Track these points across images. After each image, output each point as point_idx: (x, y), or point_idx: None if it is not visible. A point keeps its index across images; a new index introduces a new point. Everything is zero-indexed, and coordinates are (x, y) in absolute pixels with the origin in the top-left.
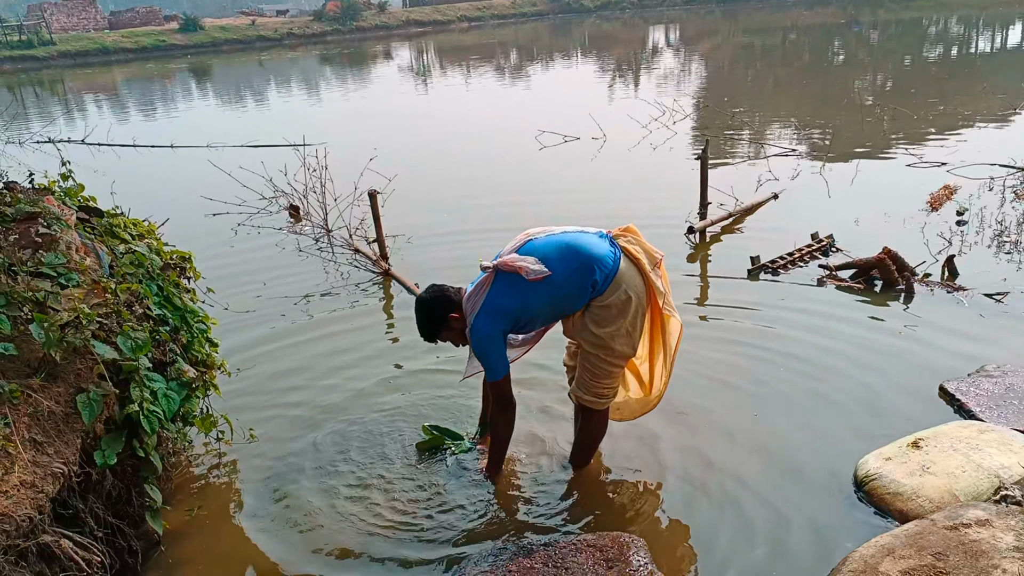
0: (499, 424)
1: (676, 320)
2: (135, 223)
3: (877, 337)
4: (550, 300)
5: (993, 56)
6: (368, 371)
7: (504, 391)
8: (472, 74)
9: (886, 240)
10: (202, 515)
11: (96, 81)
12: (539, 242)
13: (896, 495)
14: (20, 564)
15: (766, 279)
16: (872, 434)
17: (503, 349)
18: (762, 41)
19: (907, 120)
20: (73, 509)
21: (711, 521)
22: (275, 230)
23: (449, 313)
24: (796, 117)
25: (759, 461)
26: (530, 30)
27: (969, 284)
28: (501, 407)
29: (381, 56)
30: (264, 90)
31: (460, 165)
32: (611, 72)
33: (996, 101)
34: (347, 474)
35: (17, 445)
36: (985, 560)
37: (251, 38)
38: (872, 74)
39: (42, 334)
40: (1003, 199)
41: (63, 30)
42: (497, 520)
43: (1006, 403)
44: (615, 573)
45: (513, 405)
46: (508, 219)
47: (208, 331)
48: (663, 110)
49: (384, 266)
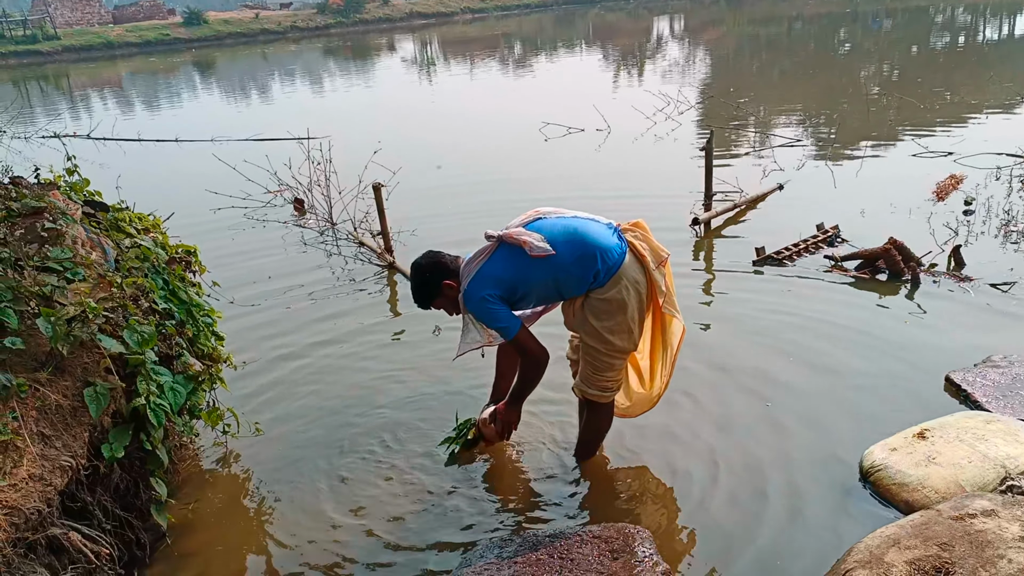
0: (528, 372)
1: (679, 322)
2: (140, 217)
3: (883, 328)
4: (548, 280)
5: (1000, 44)
6: (373, 364)
7: (529, 345)
8: (476, 66)
9: (892, 230)
10: (209, 508)
11: (100, 76)
12: (548, 221)
13: (902, 486)
14: (30, 556)
15: (771, 270)
16: (877, 425)
17: (506, 307)
18: (767, 31)
19: (913, 110)
20: (81, 502)
21: (716, 512)
22: (280, 224)
23: (443, 280)
24: (802, 107)
25: (764, 452)
26: (534, 21)
27: (975, 274)
28: (533, 364)
29: (385, 48)
30: (268, 84)
31: (464, 157)
32: (615, 63)
33: (1003, 90)
34: (353, 466)
35: (25, 439)
36: (991, 550)
37: (255, 31)
38: (878, 64)
39: (49, 328)
40: (1010, 188)
41: (67, 25)
42: (503, 512)
43: (1012, 393)
44: (620, 564)
45: (545, 357)
46: (512, 211)
47: (214, 324)
48: (668, 101)
49: (388, 259)
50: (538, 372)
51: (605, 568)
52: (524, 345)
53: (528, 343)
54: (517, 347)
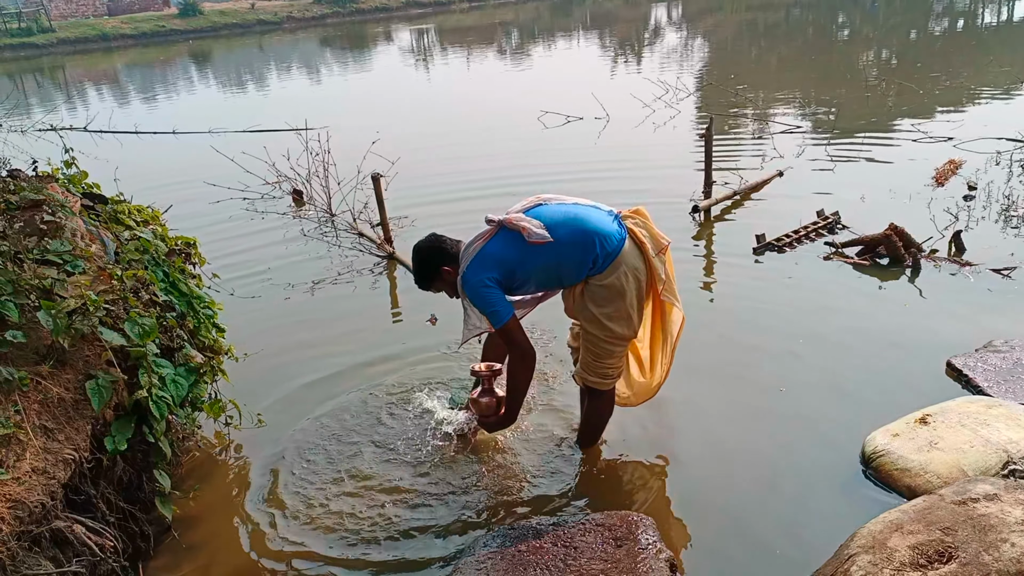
0: (518, 374)
1: (678, 310)
2: (139, 209)
3: (884, 314)
4: (546, 266)
5: (999, 29)
6: (375, 355)
7: (516, 338)
8: (473, 55)
9: (892, 216)
10: (212, 500)
11: (97, 68)
12: (548, 208)
13: (904, 471)
14: (34, 550)
15: (772, 257)
16: (879, 410)
17: (501, 293)
18: (765, 17)
19: (912, 95)
20: (85, 495)
21: (718, 498)
22: (279, 215)
23: (442, 265)
24: (801, 93)
25: (765, 438)
26: (531, 9)
27: (976, 259)
28: (519, 357)
29: (382, 38)
30: (265, 74)
31: (463, 147)
32: (613, 51)
33: (1002, 74)
34: (357, 457)
35: (28, 432)
36: (994, 534)
37: (251, 22)
38: (877, 49)
39: (50, 321)
40: (1010, 173)
41: (62, 17)
42: (506, 501)
43: (1014, 378)
44: (624, 552)
45: (531, 353)
46: (513, 199)
47: (215, 316)
48: (666, 88)
49: (388, 249)
50: (526, 368)
51: (608, 555)
52: (512, 334)
53: (516, 333)
54: (505, 336)
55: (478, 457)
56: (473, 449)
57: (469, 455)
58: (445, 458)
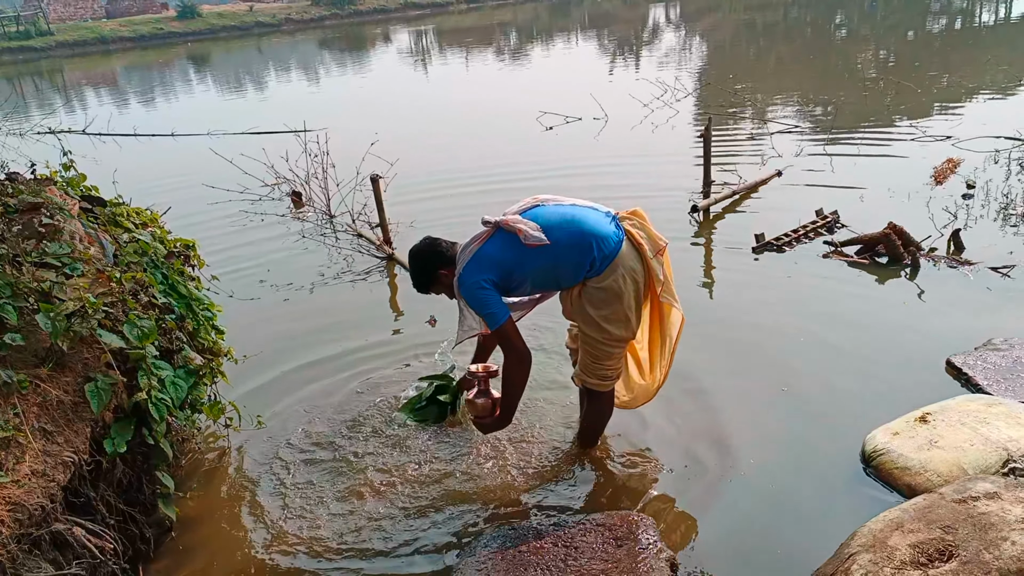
0: (513, 376)
1: (677, 311)
2: (138, 212)
3: (883, 312)
4: (543, 268)
5: (997, 27)
6: (374, 355)
7: (513, 340)
8: (472, 56)
9: (891, 215)
10: (212, 502)
11: (95, 70)
12: (546, 209)
13: (904, 469)
14: (34, 552)
15: (771, 256)
16: (879, 409)
17: (498, 295)
18: (763, 17)
19: (911, 94)
20: (85, 497)
21: (718, 498)
22: (278, 217)
23: (439, 268)
24: (799, 93)
25: (766, 438)
26: (529, 10)
27: (975, 258)
28: (516, 361)
29: (380, 39)
30: (263, 76)
31: (462, 148)
32: (611, 51)
33: (1001, 73)
34: (357, 457)
35: (27, 435)
36: (994, 533)
37: (249, 24)
38: (875, 48)
39: (49, 324)
40: (1009, 172)
41: (60, 20)
42: (506, 502)
43: (1013, 376)
44: (624, 551)
45: (528, 357)
46: (511, 200)
47: (214, 318)
48: (665, 88)
49: (387, 251)
50: (522, 370)
51: (609, 555)
52: (508, 337)
53: (513, 336)
54: (501, 338)
55: (479, 459)
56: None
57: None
58: (445, 459)
